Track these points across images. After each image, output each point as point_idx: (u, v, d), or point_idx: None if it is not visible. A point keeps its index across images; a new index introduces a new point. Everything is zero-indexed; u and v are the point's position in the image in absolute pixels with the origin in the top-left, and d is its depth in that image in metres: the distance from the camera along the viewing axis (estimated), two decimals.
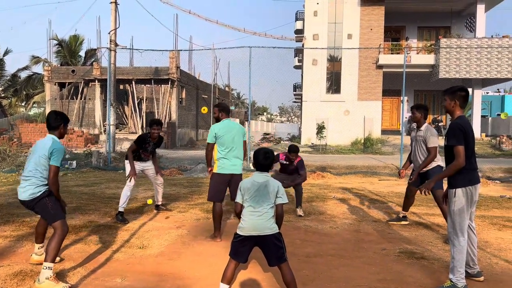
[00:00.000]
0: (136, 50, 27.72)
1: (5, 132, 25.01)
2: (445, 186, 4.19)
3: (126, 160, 6.48)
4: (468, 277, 3.89)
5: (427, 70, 22.66)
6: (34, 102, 33.20)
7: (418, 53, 23.99)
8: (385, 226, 6.13)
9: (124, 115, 26.95)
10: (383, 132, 23.20)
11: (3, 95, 33.69)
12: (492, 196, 8.79)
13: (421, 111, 5.87)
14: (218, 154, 5.30)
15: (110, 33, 16.49)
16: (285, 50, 31.78)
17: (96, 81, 24.49)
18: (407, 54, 19.17)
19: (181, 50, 26.80)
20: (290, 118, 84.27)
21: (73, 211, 6.64)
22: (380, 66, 22.86)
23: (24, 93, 32.32)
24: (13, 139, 21.12)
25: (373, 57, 22.82)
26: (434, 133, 5.75)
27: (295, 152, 6.66)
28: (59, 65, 28.48)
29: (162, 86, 24.47)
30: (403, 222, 6.24)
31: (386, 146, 20.38)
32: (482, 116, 26.52)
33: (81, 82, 24.84)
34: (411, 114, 6.04)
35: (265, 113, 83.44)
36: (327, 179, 11.39)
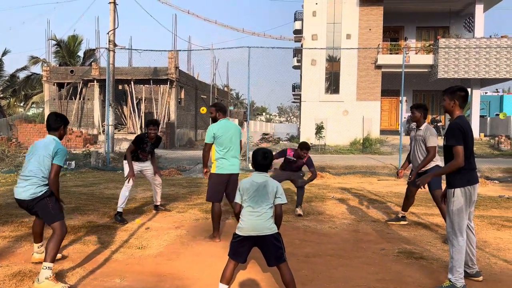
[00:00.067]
0: (135, 50, 27.89)
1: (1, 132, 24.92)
2: (443, 186, 4.19)
3: (124, 160, 6.47)
4: (467, 277, 3.89)
5: (426, 70, 22.67)
6: (33, 103, 33.17)
7: (416, 53, 24.00)
8: (384, 226, 6.14)
9: (123, 116, 26.94)
10: (382, 132, 23.20)
11: (2, 96, 33.61)
12: (490, 196, 8.81)
13: (420, 111, 5.88)
14: (217, 155, 5.29)
15: (109, 33, 16.48)
16: (284, 50, 31.80)
17: (94, 81, 24.47)
18: (406, 54, 19.16)
19: (180, 50, 26.81)
20: (289, 118, 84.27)
21: (72, 212, 6.64)
22: (379, 66, 22.87)
23: (22, 93, 32.26)
24: (11, 140, 21.08)
25: (372, 57, 22.83)
26: (434, 132, 5.76)
27: (307, 149, 6.72)
28: (58, 65, 28.44)
29: (161, 86, 24.45)
30: (402, 222, 6.25)
31: (385, 146, 20.38)
32: (481, 116, 26.53)
33: (79, 83, 24.82)
34: (411, 113, 6.05)
35: (264, 113, 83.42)
36: (326, 179, 11.40)
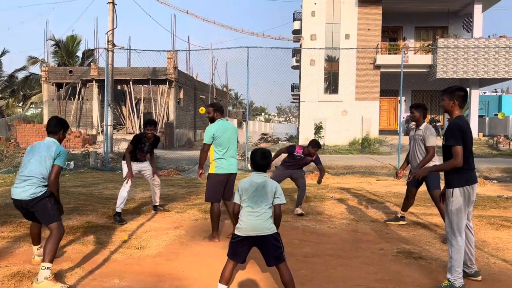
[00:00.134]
0: (133, 50, 27.72)
1: None
2: (442, 185, 4.19)
3: (123, 161, 6.47)
4: (465, 276, 3.90)
5: (425, 70, 22.70)
6: (32, 103, 33.08)
7: (415, 53, 24.01)
8: (383, 226, 6.14)
9: (121, 116, 26.91)
10: (381, 132, 23.20)
11: (0, 96, 33.54)
12: (489, 196, 8.82)
13: (420, 111, 5.88)
14: (215, 155, 5.28)
15: (107, 33, 16.46)
16: (283, 51, 31.73)
17: (93, 81, 24.45)
18: (405, 54, 19.18)
19: (178, 51, 26.75)
20: (288, 119, 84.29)
21: (70, 212, 6.63)
22: (377, 66, 22.89)
23: (21, 93, 32.20)
24: (10, 140, 21.04)
25: (370, 57, 22.84)
26: (433, 132, 5.76)
27: (318, 147, 6.90)
28: (57, 65, 28.41)
29: (160, 86, 24.44)
30: (401, 222, 6.25)
31: (383, 146, 20.39)
32: (480, 116, 26.54)
33: (78, 83, 24.79)
34: (410, 113, 6.05)
35: (263, 113, 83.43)
36: (325, 179, 11.38)
